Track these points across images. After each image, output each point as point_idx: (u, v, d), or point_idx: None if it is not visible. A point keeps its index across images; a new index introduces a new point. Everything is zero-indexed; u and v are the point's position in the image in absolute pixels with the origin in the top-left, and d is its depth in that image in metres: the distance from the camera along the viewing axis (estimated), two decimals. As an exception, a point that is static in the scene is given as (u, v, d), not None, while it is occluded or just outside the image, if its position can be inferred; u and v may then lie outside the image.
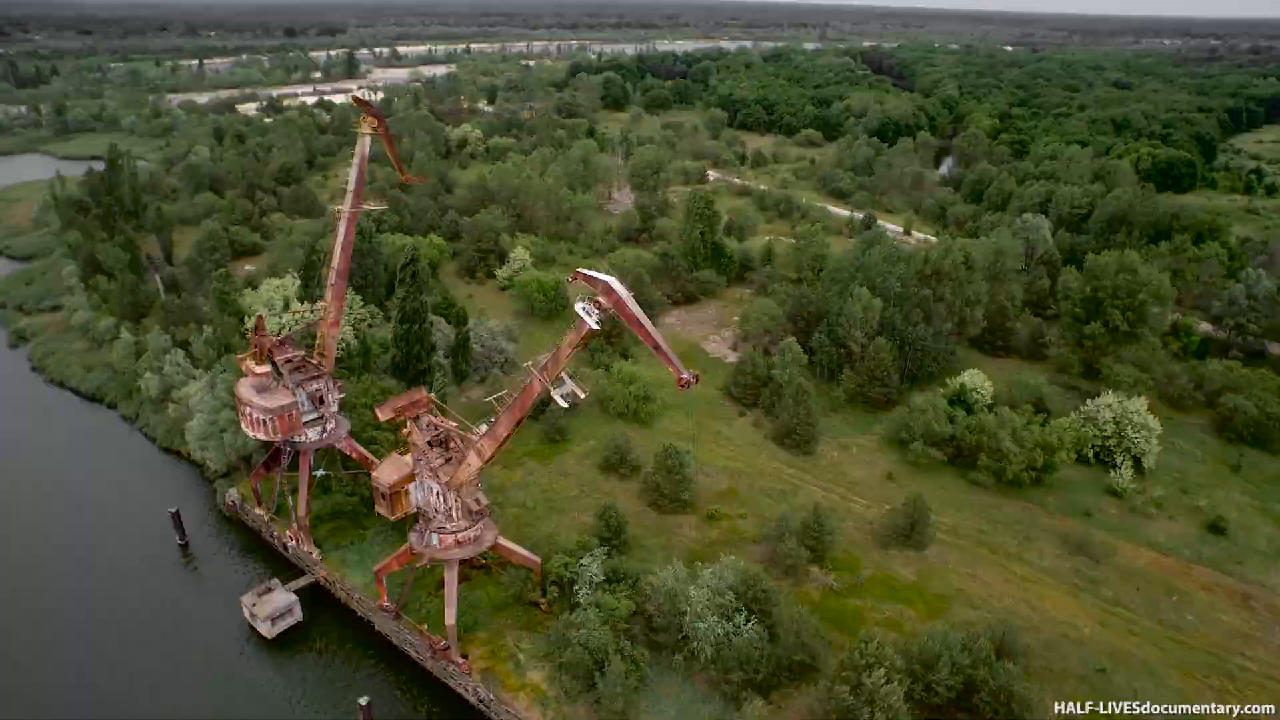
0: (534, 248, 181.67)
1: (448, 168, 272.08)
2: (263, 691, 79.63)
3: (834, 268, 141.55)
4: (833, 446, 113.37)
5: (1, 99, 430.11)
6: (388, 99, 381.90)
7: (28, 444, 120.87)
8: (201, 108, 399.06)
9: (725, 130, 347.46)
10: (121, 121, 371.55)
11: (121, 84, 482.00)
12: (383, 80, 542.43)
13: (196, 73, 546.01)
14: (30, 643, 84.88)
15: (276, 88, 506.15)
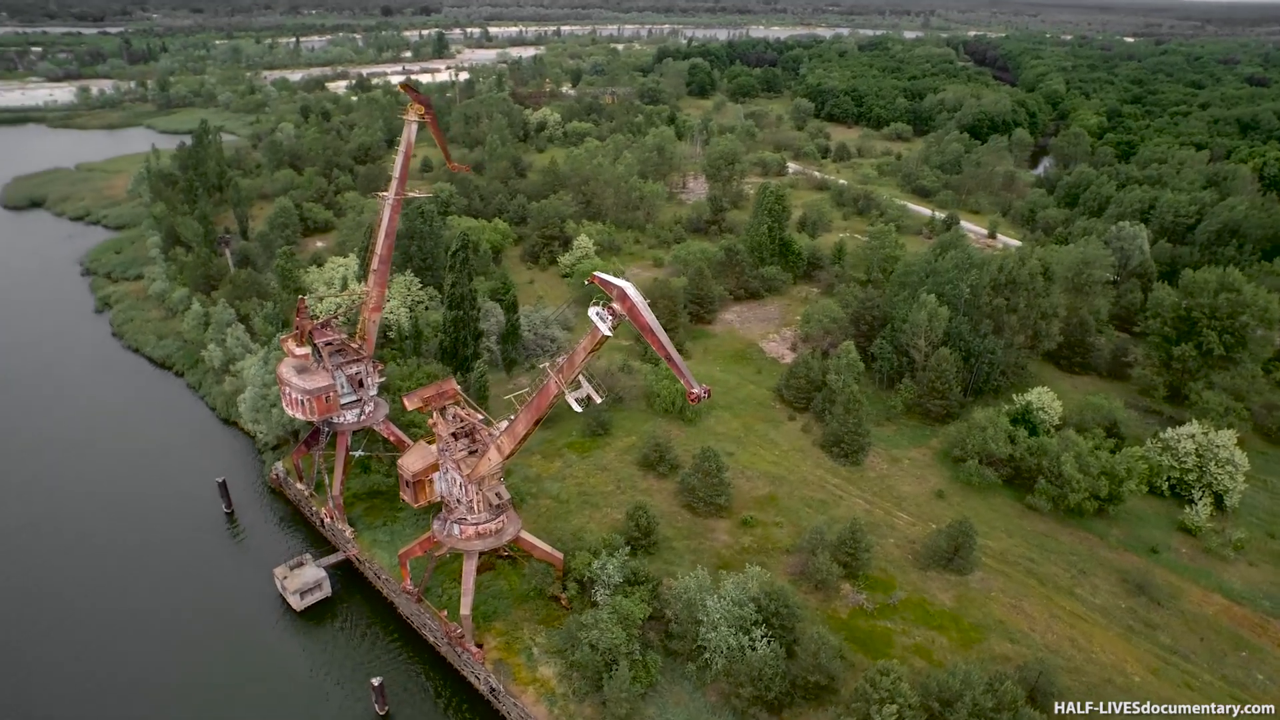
0: (599, 236, 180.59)
1: (523, 152, 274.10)
2: (285, 662, 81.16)
3: (903, 271, 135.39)
4: (883, 458, 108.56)
5: (115, 75, 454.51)
6: (470, 80, 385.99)
7: (98, 406, 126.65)
8: (293, 85, 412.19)
9: (811, 121, 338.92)
10: (219, 97, 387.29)
11: (223, 61, 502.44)
12: (469, 61, 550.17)
13: (292, 50, 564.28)
14: (72, 591, 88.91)
15: (367, 66, 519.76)
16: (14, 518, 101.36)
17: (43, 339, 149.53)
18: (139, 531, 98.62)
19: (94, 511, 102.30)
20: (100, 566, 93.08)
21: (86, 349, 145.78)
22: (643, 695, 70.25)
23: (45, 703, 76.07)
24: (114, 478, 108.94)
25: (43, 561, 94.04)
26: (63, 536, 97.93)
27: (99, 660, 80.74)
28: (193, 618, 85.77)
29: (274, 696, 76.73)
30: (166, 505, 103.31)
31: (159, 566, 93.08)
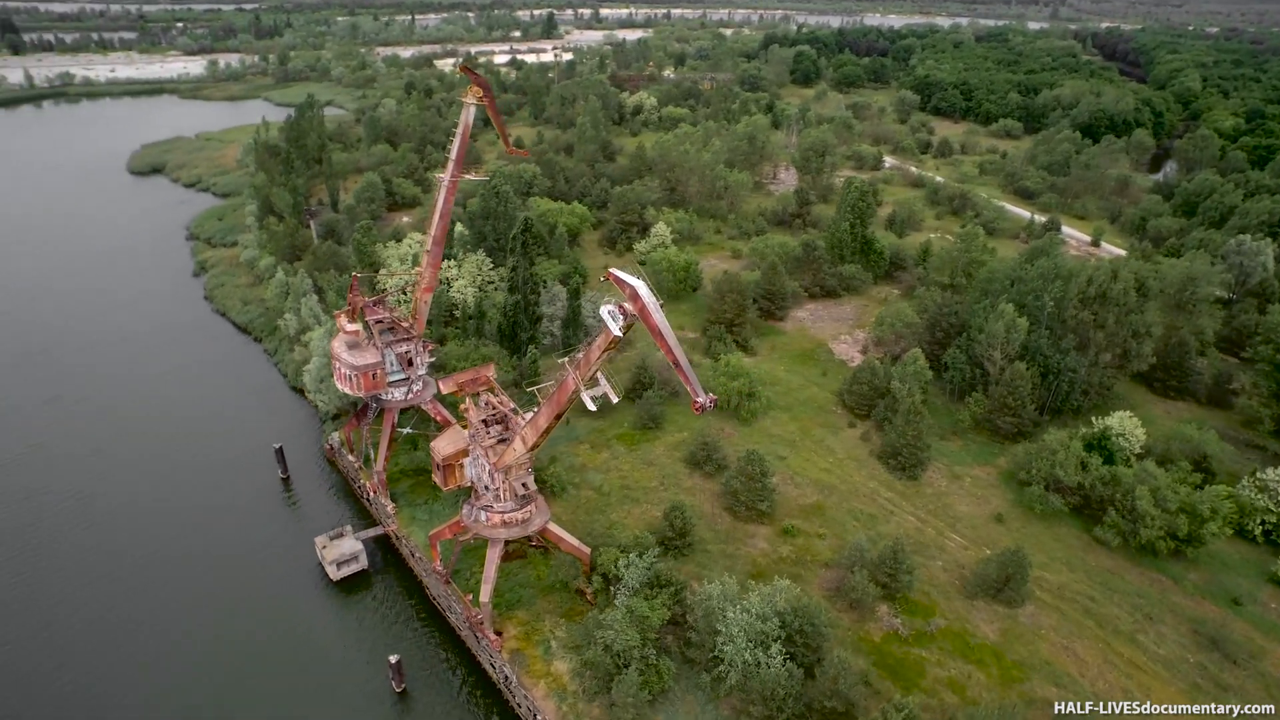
0: (679, 224, 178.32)
1: (616, 135, 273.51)
2: (314, 630, 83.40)
3: (986, 277, 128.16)
4: (943, 474, 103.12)
5: (243, 49, 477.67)
6: (573, 62, 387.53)
7: (178, 365, 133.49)
8: (402, 62, 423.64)
9: (916, 114, 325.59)
10: (332, 72, 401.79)
11: (342, 37, 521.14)
12: (577, 42, 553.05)
13: (407, 27, 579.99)
14: (126, 539, 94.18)
15: (476, 45, 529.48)
16: (88, 469, 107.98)
17: (141, 298, 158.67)
18: (198, 489, 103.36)
19: (159, 467, 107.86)
20: (158, 519, 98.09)
21: (179, 310, 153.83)
22: (651, 701, 68.83)
23: (86, 638, 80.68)
24: (183, 436, 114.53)
25: (108, 509, 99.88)
26: (127, 489, 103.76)
27: (140, 605, 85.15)
28: (234, 576, 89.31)
29: (297, 663, 78.97)
30: (228, 466, 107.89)
31: (211, 524, 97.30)
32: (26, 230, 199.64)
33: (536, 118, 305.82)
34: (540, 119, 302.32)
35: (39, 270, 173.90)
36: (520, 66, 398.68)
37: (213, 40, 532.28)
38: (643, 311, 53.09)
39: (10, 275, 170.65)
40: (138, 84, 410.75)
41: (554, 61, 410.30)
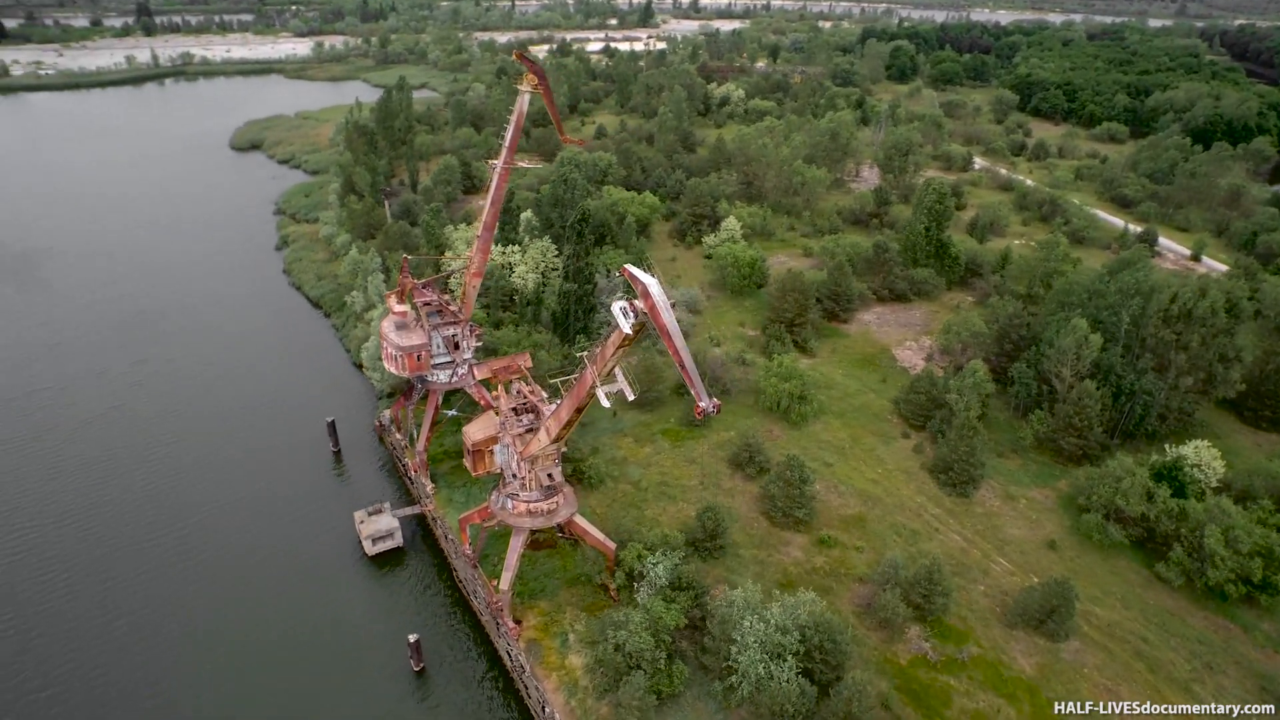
0: (752, 219, 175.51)
1: (700, 126, 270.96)
2: (342, 603, 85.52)
3: (1063, 288, 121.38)
4: (996, 494, 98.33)
5: (348, 31, 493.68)
6: (663, 51, 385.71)
7: (248, 335, 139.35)
8: (497, 47, 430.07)
9: (1013, 115, 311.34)
10: (429, 55, 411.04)
11: (443, 21, 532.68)
12: (672, 31, 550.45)
13: (506, 13, 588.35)
14: (175, 500, 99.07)
15: (573, 31, 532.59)
16: (160, 430, 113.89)
17: (224, 269, 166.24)
18: (256, 455, 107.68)
19: (223, 431, 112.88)
20: (215, 484, 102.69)
21: (257, 282, 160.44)
22: (660, 705, 67.92)
23: (136, 583, 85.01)
24: (248, 403, 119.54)
25: (172, 470, 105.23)
26: (191, 452, 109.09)
27: (184, 561, 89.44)
28: (275, 543, 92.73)
29: (322, 634, 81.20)
30: (285, 435, 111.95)
31: (259, 491, 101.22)
32: (135, 201, 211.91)
33: (622, 106, 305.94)
34: (626, 107, 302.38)
35: (144, 239, 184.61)
36: (613, 54, 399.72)
37: (321, 23, 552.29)
38: (652, 310, 51.76)
39: (120, 244, 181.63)
40: (249, 64, 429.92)
41: (645, 50, 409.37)
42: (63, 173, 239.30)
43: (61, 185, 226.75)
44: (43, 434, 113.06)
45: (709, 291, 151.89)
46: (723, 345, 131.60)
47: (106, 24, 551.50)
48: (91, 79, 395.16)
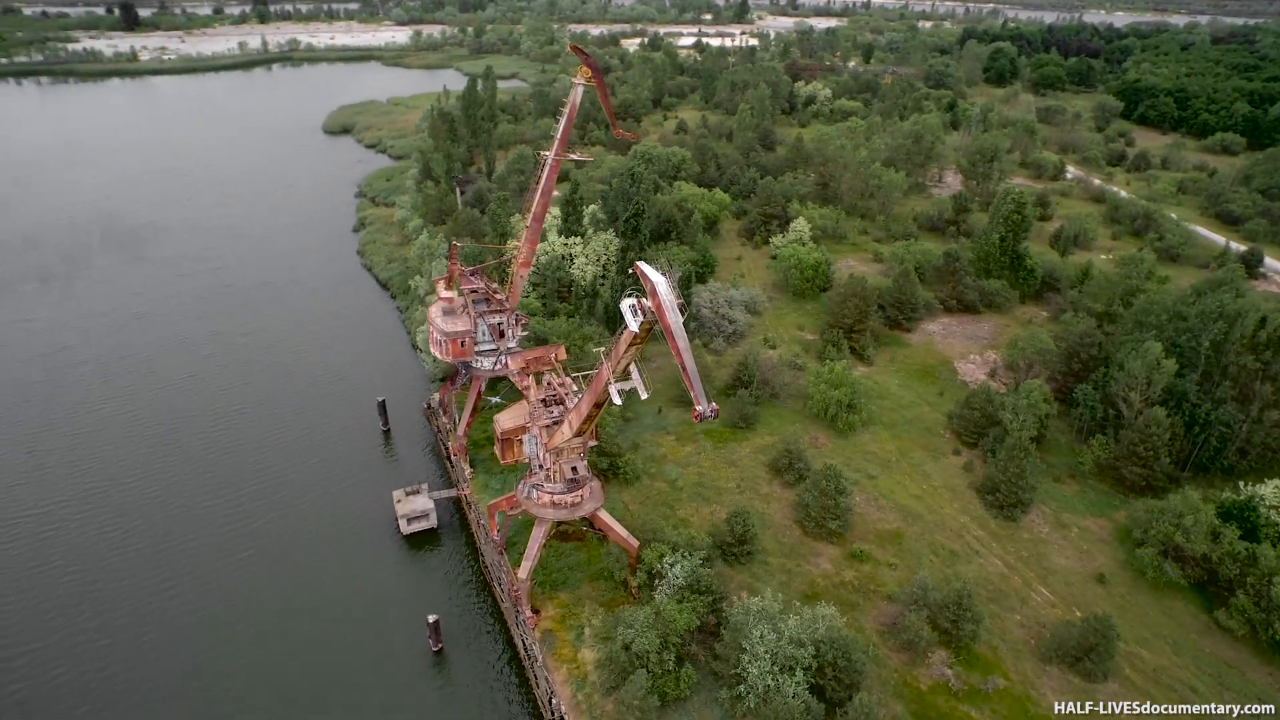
0: (823, 220, 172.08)
1: (784, 125, 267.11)
2: (371, 580, 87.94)
3: (1141, 308, 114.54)
4: (1047, 519, 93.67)
5: (446, 20, 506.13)
6: (753, 48, 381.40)
7: (315, 312, 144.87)
8: (590, 39, 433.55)
9: (1117, 122, 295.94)
10: (521, 46, 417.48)
11: (539, 13, 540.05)
12: (766, 27, 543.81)
13: (602, 6, 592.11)
14: (226, 467, 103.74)
15: (666, 26, 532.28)
16: (219, 398, 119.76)
17: (303, 249, 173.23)
18: (308, 431, 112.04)
19: (277, 407, 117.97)
20: (264, 453, 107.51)
21: (333, 262, 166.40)
22: (662, 707, 67.38)
23: (181, 538, 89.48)
24: (307, 379, 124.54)
25: (231, 441, 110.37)
26: (251, 422, 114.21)
27: (225, 526, 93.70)
28: (317, 514, 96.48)
29: (349, 608, 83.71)
30: (339, 412, 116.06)
31: (310, 464, 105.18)
32: (232, 180, 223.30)
33: (706, 102, 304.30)
34: (710, 103, 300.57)
35: (236, 216, 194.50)
36: (703, 50, 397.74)
37: (422, 12, 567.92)
38: (658, 309, 51.14)
39: (214, 220, 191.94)
40: (349, 51, 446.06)
41: (737, 46, 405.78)
42: (173, 152, 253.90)
43: (171, 163, 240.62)
44: (125, 397, 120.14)
45: (771, 293, 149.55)
46: (778, 348, 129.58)
47: (227, 11, 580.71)
48: (207, 64, 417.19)
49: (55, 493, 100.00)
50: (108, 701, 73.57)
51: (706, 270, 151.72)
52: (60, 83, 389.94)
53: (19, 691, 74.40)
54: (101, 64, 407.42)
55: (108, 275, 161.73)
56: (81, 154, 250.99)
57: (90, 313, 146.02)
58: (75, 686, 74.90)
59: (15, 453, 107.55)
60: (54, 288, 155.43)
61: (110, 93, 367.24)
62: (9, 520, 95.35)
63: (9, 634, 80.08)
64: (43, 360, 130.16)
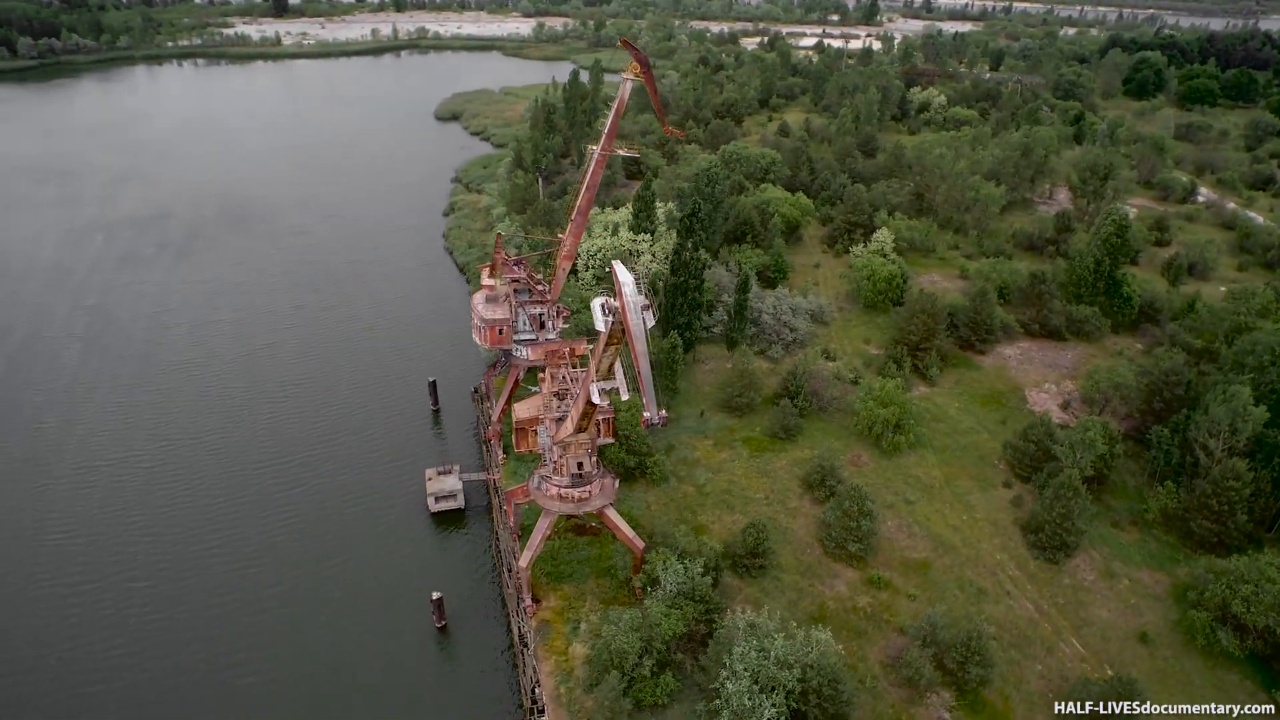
0: (911, 232, 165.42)
1: (891, 131, 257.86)
2: (394, 553, 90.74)
3: (1241, 348, 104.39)
4: (1095, 566, 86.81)
5: (571, 14, 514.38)
6: (869, 50, 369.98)
7: (391, 291, 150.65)
8: (707, 36, 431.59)
9: (1272, 141, 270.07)
10: (638, 41, 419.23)
11: (663, 8, 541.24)
12: (895, 29, 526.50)
13: (726, 3, 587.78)
14: (283, 434, 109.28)
15: (789, 25, 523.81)
16: (289, 367, 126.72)
17: (393, 229, 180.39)
18: (364, 405, 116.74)
19: (339, 380, 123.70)
20: (320, 423, 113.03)
21: (417, 243, 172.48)
22: (636, 711, 66.51)
23: (234, 498, 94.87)
24: (372, 356, 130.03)
25: (287, 407, 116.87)
26: (308, 394, 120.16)
27: (274, 490, 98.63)
28: (358, 486, 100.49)
29: (364, 577, 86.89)
30: (395, 390, 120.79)
31: (359, 437, 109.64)
32: (340, 160, 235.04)
33: (815, 104, 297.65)
34: (819, 106, 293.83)
35: (338, 195, 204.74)
36: (823, 51, 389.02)
37: (549, 4, 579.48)
38: (622, 309, 50.14)
39: (317, 198, 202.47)
40: (473, 40, 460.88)
41: (851, 48, 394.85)
42: (294, 131, 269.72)
43: (291, 141, 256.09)
44: (206, 360, 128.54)
45: (843, 303, 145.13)
46: (837, 360, 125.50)
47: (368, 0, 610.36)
48: (340, 49, 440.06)
49: (133, 443, 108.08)
50: (144, 623, 79.22)
51: (778, 275, 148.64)
52: (213, 64, 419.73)
53: (104, 604, 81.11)
54: (248, 48, 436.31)
55: (215, 246, 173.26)
56: (216, 131, 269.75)
57: (193, 279, 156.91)
58: (133, 603, 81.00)
59: (109, 403, 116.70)
60: (168, 255, 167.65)
61: (252, 74, 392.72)
62: (91, 465, 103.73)
63: (85, 559, 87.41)
64: (147, 320, 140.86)
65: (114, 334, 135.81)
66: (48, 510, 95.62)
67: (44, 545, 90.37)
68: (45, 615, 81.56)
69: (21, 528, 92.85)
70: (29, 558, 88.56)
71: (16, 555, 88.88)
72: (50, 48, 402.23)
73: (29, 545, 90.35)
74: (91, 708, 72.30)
